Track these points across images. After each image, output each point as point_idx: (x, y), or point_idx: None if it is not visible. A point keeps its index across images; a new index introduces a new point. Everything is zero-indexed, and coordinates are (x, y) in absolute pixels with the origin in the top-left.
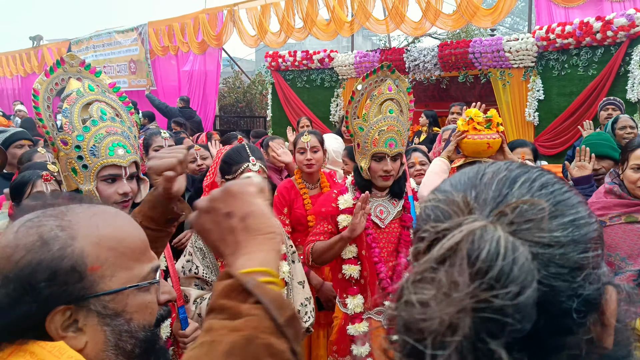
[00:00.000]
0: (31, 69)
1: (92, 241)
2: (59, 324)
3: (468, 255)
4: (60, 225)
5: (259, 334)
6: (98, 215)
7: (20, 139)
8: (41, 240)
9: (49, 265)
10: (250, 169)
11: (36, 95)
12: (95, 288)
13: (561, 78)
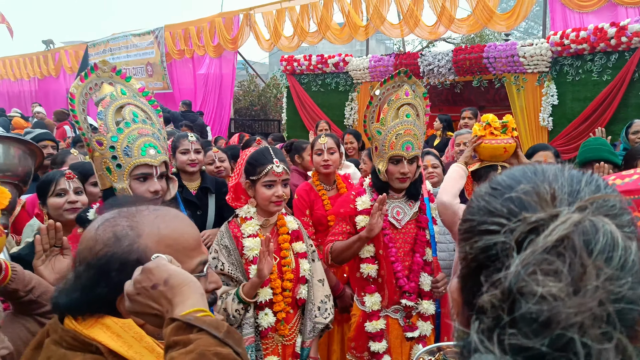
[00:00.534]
0: (48, 71)
1: (154, 239)
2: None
3: (585, 246)
4: (130, 225)
5: (207, 348)
6: (160, 217)
7: (44, 140)
8: (115, 237)
9: (120, 258)
10: (274, 170)
11: (72, 99)
12: None
13: (575, 83)
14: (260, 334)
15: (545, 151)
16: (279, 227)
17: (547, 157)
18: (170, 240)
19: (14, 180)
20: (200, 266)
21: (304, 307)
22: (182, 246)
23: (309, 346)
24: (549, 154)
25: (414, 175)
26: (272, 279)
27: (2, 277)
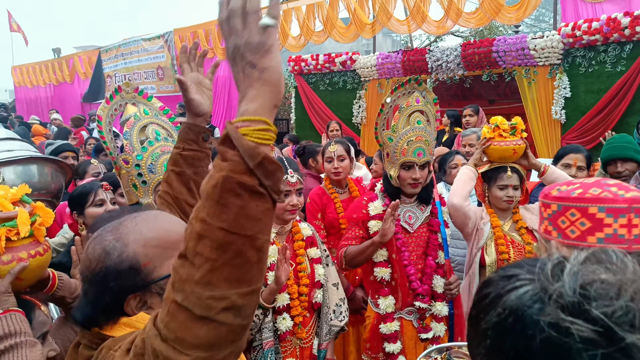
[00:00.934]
0: (62, 77)
1: (140, 244)
2: (134, 307)
3: None
4: (115, 238)
5: (234, 174)
6: (141, 222)
7: (65, 151)
8: (104, 252)
9: (114, 269)
10: (289, 180)
11: (99, 121)
12: (151, 277)
13: (588, 75)
14: (279, 337)
15: (576, 154)
16: (294, 234)
17: (577, 161)
18: (155, 241)
19: (47, 197)
20: None
21: (319, 311)
22: (169, 242)
23: (325, 348)
24: (580, 157)
25: (425, 180)
26: (289, 285)
27: (50, 285)
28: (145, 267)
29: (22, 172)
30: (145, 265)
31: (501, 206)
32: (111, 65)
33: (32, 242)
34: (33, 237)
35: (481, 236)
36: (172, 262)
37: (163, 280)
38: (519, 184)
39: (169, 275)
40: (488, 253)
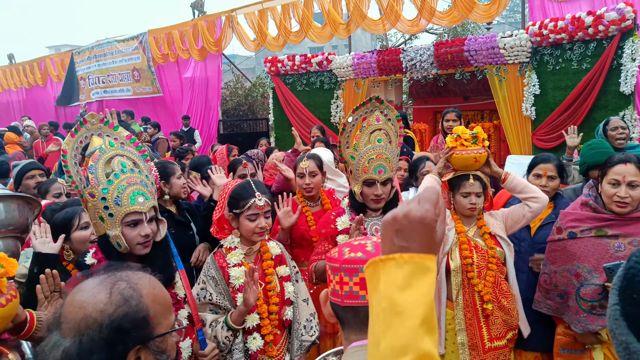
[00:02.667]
0: (35, 80)
1: (151, 298)
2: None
3: None
4: (131, 287)
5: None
6: (152, 280)
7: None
8: (124, 299)
9: (132, 317)
10: (257, 204)
11: (65, 155)
12: (154, 332)
13: (556, 72)
14: (250, 357)
15: (545, 164)
16: (263, 254)
17: (547, 170)
18: (161, 299)
19: (16, 234)
20: (174, 321)
21: (290, 327)
22: (167, 304)
23: None
24: (550, 166)
25: (388, 195)
26: (258, 305)
27: (27, 328)
28: (152, 320)
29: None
30: (152, 318)
31: (465, 213)
32: (84, 67)
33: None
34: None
35: (446, 242)
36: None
37: (161, 337)
38: (481, 191)
39: (166, 333)
40: (453, 258)
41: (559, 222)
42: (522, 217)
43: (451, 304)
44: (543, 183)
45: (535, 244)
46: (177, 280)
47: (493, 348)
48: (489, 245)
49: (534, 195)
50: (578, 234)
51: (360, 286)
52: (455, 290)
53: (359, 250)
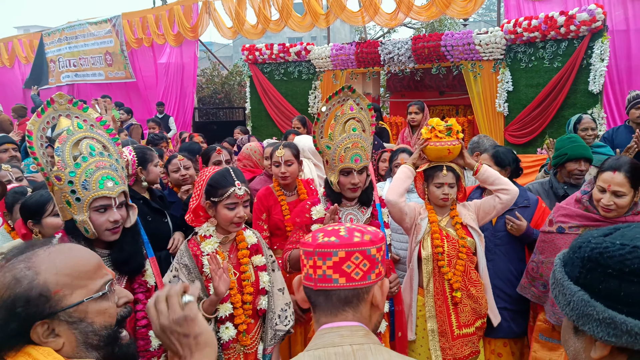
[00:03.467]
0: (1, 61)
1: (52, 272)
2: (40, 334)
3: None
4: (27, 266)
5: None
6: (54, 252)
7: (4, 143)
8: (14, 280)
9: (24, 296)
10: (236, 193)
11: (30, 136)
12: (60, 305)
13: (529, 70)
14: (222, 346)
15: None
16: (238, 243)
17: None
18: (67, 270)
19: None
20: (104, 286)
21: (264, 316)
22: (81, 272)
23: (270, 352)
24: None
25: (364, 184)
26: (232, 294)
27: None
28: (56, 294)
29: None
30: (55, 292)
31: (438, 203)
32: (54, 49)
33: None
34: None
35: (419, 231)
36: (82, 291)
37: (71, 308)
38: (454, 182)
39: (78, 303)
40: (424, 247)
41: (552, 214)
42: (492, 208)
43: (422, 291)
44: None
45: (497, 232)
46: (148, 268)
47: (462, 335)
48: (460, 235)
49: (504, 187)
50: (566, 230)
51: (333, 270)
52: (426, 278)
53: (333, 235)
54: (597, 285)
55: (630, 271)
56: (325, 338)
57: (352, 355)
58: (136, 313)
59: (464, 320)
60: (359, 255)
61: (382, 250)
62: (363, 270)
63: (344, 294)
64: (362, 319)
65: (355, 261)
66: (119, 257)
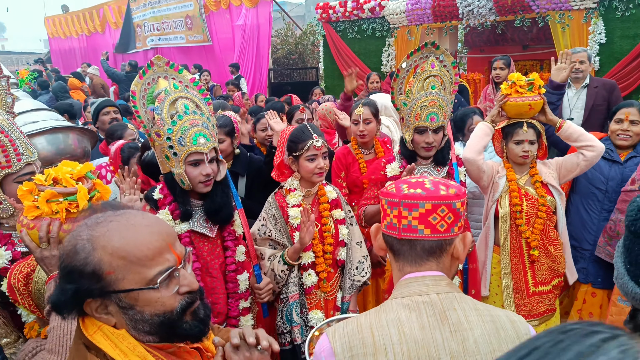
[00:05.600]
0: (94, 27)
1: (107, 252)
2: (93, 308)
3: None
4: (88, 238)
5: None
6: (116, 228)
7: (106, 106)
8: (74, 250)
9: (79, 269)
10: (314, 144)
11: (133, 96)
12: (111, 287)
13: (625, 19)
14: (304, 291)
15: (627, 108)
16: (320, 197)
17: (629, 114)
18: (123, 252)
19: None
20: (159, 275)
21: (343, 267)
22: (137, 257)
23: (348, 300)
24: (633, 110)
25: (439, 144)
26: (314, 244)
27: None
28: (108, 275)
29: (50, 140)
30: (108, 273)
31: (517, 161)
32: (140, 14)
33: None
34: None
35: (496, 189)
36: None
37: (124, 293)
38: (535, 139)
39: (130, 290)
40: (502, 205)
41: (636, 173)
42: (576, 165)
43: (498, 249)
44: (625, 127)
45: (623, 182)
46: (236, 219)
47: (537, 292)
48: (540, 194)
49: (589, 144)
50: None
51: (419, 220)
52: (503, 236)
53: (419, 187)
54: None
55: None
56: (412, 287)
57: (439, 303)
58: (226, 259)
59: (541, 278)
60: (445, 208)
61: (465, 204)
62: (448, 222)
63: (429, 244)
64: (444, 269)
65: (441, 214)
66: (210, 207)
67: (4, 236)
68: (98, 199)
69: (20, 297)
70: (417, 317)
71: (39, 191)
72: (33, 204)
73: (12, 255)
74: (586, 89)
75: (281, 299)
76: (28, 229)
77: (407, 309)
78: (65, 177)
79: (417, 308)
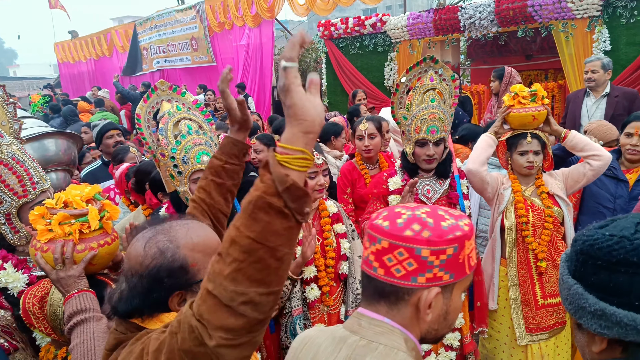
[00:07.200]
0: (102, 52)
1: (189, 248)
2: (175, 302)
3: None
4: (169, 239)
5: (266, 195)
6: (190, 229)
7: (110, 129)
8: (159, 251)
9: (168, 267)
10: (315, 162)
11: (139, 119)
12: (195, 277)
13: (630, 26)
14: (308, 305)
15: (638, 122)
16: (321, 212)
17: (638, 129)
18: (201, 247)
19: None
20: None
21: (346, 281)
22: (211, 248)
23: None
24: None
25: (440, 156)
26: (316, 258)
27: None
28: (192, 268)
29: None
30: (192, 266)
31: (522, 172)
32: (146, 37)
33: (101, 233)
34: (102, 229)
35: (502, 201)
36: None
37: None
38: (540, 150)
39: None
40: (507, 217)
41: None
42: (582, 175)
43: (505, 261)
44: (634, 142)
45: (632, 200)
46: None
47: (546, 305)
48: (546, 205)
49: (595, 153)
50: None
51: (375, 257)
52: (509, 248)
53: (389, 219)
54: (589, 277)
55: (617, 261)
56: (350, 320)
57: (350, 347)
58: None
59: (549, 290)
60: (404, 252)
61: (445, 255)
62: (406, 269)
63: (381, 286)
64: (402, 320)
65: (399, 257)
66: None
67: (20, 261)
68: (108, 218)
69: (35, 320)
70: (331, 352)
71: (50, 215)
72: (46, 228)
73: (29, 279)
74: (606, 98)
75: (285, 313)
76: (42, 252)
77: (330, 339)
78: (75, 200)
79: (334, 342)
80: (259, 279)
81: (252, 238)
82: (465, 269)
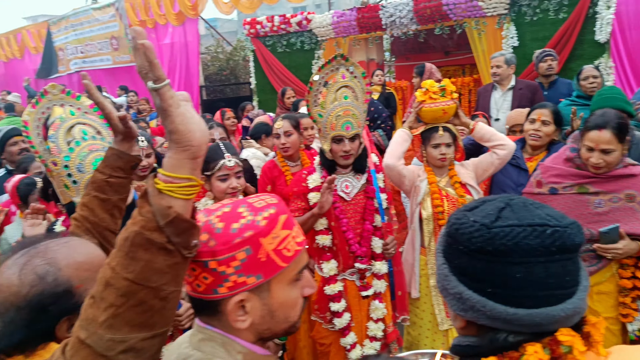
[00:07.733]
0: (12, 53)
1: (74, 267)
2: (64, 329)
3: None
4: (47, 262)
5: (145, 230)
6: (71, 247)
7: (12, 136)
8: (38, 277)
9: (51, 293)
10: (226, 164)
11: (26, 126)
12: (82, 299)
13: (534, 23)
14: None
15: (541, 109)
16: None
17: (541, 116)
18: (87, 265)
19: None
20: None
21: None
22: (98, 266)
23: None
24: (545, 112)
25: (356, 151)
26: None
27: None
28: (79, 289)
29: None
30: (78, 287)
31: (436, 164)
32: (62, 37)
33: None
34: None
35: (418, 192)
36: None
37: None
38: (451, 142)
39: None
40: (425, 207)
41: (539, 175)
42: (491, 164)
43: (424, 250)
44: (536, 127)
45: None
46: None
47: None
48: (459, 194)
49: (501, 143)
50: (560, 190)
51: None
52: (427, 238)
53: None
54: (454, 260)
55: (475, 249)
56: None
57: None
58: None
59: None
60: (196, 267)
61: (236, 261)
62: (204, 283)
63: (193, 301)
64: (220, 326)
65: (193, 272)
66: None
67: None
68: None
69: None
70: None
71: None
72: None
73: None
74: (512, 90)
75: None
76: None
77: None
78: None
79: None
80: (140, 322)
81: (131, 280)
82: (277, 263)
